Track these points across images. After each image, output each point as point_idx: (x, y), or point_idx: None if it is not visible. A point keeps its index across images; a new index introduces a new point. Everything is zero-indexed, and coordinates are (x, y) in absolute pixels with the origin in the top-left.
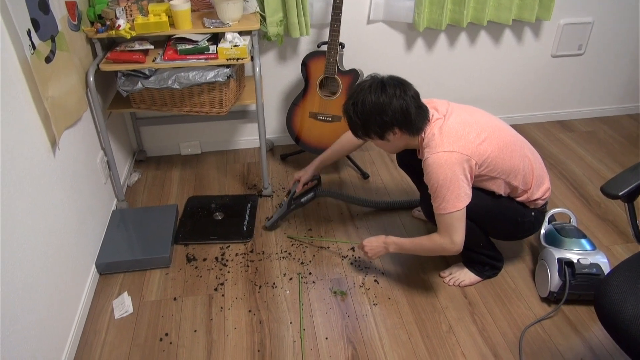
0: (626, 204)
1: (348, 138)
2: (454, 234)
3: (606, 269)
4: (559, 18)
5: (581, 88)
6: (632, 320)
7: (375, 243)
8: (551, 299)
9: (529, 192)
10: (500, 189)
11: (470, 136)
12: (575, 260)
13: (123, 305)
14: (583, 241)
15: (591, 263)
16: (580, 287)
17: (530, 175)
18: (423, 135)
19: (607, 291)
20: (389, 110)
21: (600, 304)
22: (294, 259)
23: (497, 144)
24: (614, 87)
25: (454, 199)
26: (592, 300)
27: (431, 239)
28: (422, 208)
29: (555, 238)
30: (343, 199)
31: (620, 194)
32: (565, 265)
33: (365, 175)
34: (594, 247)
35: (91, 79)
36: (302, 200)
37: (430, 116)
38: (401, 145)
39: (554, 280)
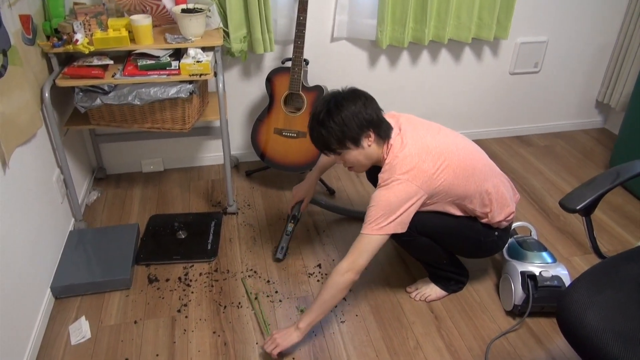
0: (584, 218)
1: None
2: (360, 257)
3: (567, 280)
4: (516, 37)
5: (538, 104)
6: (594, 332)
7: (285, 330)
8: (515, 312)
9: (490, 214)
10: (455, 211)
11: (425, 165)
12: (537, 273)
13: (80, 330)
14: (544, 254)
15: (552, 275)
16: (543, 299)
17: (487, 199)
18: (386, 151)
19: (568, 304)
20: (364, 111)
21: (563, 317)
22: (259, 277)
23: (454, 170)
24: (569, 104)
25: (385, 224)
26: (554, 312)
27: (333, 275)
28: None
29: (518, 251)
30: (325, 207)
31: (578, 207)
32: (528, 278)
33: (331, 191)
34: (554, 260)
35: (47, 94)
36: (298, 215)
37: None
38: (369, 161)
39: (518, 293)
